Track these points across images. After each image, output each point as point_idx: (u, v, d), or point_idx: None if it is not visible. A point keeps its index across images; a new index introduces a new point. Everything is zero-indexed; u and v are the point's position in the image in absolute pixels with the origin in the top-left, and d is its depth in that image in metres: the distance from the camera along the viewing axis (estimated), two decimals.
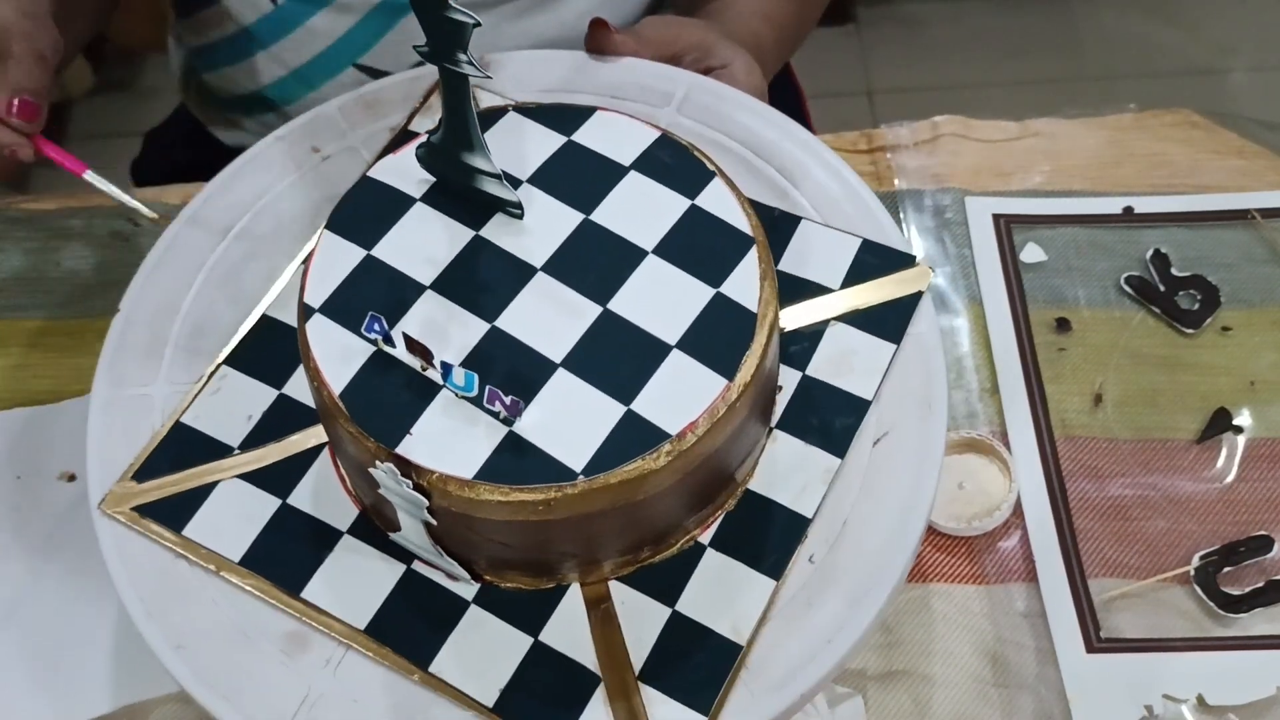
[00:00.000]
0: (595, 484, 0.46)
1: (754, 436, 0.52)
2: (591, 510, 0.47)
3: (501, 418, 0.47)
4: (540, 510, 0.46)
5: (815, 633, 0.49)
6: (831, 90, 1.74)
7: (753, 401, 0.49)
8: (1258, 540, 0.63)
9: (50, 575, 0.63)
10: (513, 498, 0.46)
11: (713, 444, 0.48)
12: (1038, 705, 0.59)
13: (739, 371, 0.48)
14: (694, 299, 0.50)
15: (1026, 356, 0.69)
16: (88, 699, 0.59)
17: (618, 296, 0.50)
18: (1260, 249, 0.73)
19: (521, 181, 0.54)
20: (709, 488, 0.50)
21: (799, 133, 0.62)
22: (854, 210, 0.60)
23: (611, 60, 0.65)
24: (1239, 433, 0.67)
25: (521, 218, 0.53)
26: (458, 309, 0.50)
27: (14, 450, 0.67)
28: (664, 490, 0.47)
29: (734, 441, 0.49)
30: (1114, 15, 1.93)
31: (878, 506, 0.52)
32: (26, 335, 0.72)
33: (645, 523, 0.49)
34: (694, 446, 0.47)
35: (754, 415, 0.50)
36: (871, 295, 0.56)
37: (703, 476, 0.49)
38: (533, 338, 0.49)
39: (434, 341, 0.48)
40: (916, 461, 0.53)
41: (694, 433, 0.47)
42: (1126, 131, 0.79)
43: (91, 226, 0.76)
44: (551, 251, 0.52)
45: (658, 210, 0.53)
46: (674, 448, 0.46)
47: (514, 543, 0.48)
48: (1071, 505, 0.64)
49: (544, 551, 0.49)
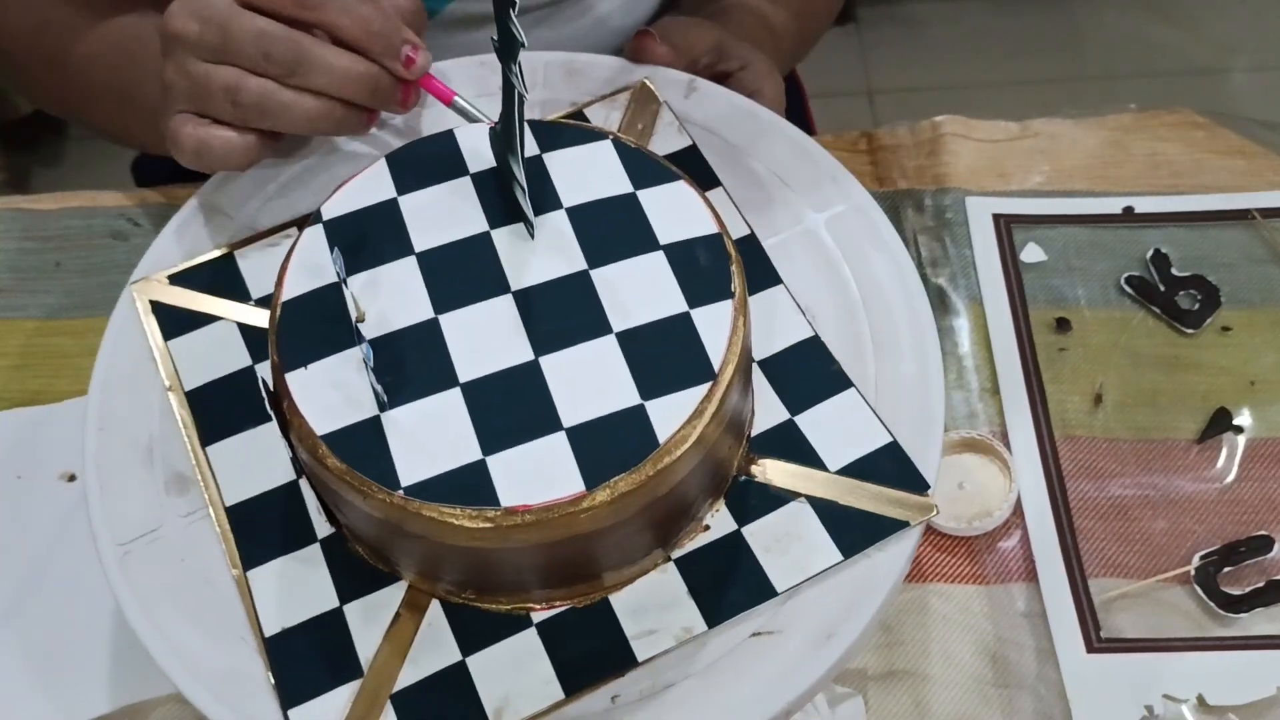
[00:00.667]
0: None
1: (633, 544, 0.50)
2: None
3: (378, 400, 0.48)
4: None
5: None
6: (832, 90, 1.74)
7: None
8: (1258, 540, 0.63)
9: (50, 575, 0.63)
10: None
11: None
12: (1038, 705, 0.59)
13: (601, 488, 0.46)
14: (614, 398, 0.48)
15: (1026, 356, 0.69)
16: (87, 699, 0.59)
17: (553, 356, 0.49)
18: (1261, 249, 0.73)
19: (561, 207, 0.53)
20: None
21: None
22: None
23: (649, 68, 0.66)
24: (1239, 433, 0.67)
25: (533, 237, 0.53)
26: (419, 286, 0.51)
27: (14, 450, 0.67)
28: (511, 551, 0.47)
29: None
30: (1114, 15, 1.94)
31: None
32: (26, 335, 0.72)
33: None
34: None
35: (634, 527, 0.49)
36: (859, 498, 0.52)
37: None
38: (456, 349, 0.49)
39: (382, 301, 0.50)
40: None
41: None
42: (1127, 131, 0.79)
43: (91, 227, 0.76)
44: (532, 283, 0.51)
45: (654, 299, 0.50)
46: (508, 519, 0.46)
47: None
48: (1072, 505, 0.64)
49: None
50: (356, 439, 0.48)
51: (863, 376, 0.55)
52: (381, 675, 0.49)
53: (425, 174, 0.55)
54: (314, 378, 0.49)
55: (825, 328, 0.56)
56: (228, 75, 0.55)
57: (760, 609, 0.50)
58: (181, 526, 0.53)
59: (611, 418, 0.47)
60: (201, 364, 0.56)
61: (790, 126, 0.63)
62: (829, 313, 0.57)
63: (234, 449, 0.54)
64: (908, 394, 0.54)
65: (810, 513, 0.51)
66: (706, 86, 0.64)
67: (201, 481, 0.54)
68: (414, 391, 0.48)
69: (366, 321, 0.50)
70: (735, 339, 0.49)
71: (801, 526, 0.51)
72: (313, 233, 0.53)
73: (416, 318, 0.50)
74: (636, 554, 0.50)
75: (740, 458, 0.53)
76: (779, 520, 0.51)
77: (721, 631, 0.49)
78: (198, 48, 0.55)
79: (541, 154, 0.55)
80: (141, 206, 0.77)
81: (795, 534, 0.51)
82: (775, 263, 0.58)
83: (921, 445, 0.53)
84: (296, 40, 0.54)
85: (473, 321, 0.50)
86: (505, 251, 0.52)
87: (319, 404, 0.48)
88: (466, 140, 0.56)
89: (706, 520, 0.52)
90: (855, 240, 0.59)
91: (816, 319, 0.56)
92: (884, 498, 0.51)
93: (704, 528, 0.51)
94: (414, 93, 0.58)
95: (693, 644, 0.49)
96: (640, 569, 0.51)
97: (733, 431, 0.51)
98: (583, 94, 0.65)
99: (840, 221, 0.59)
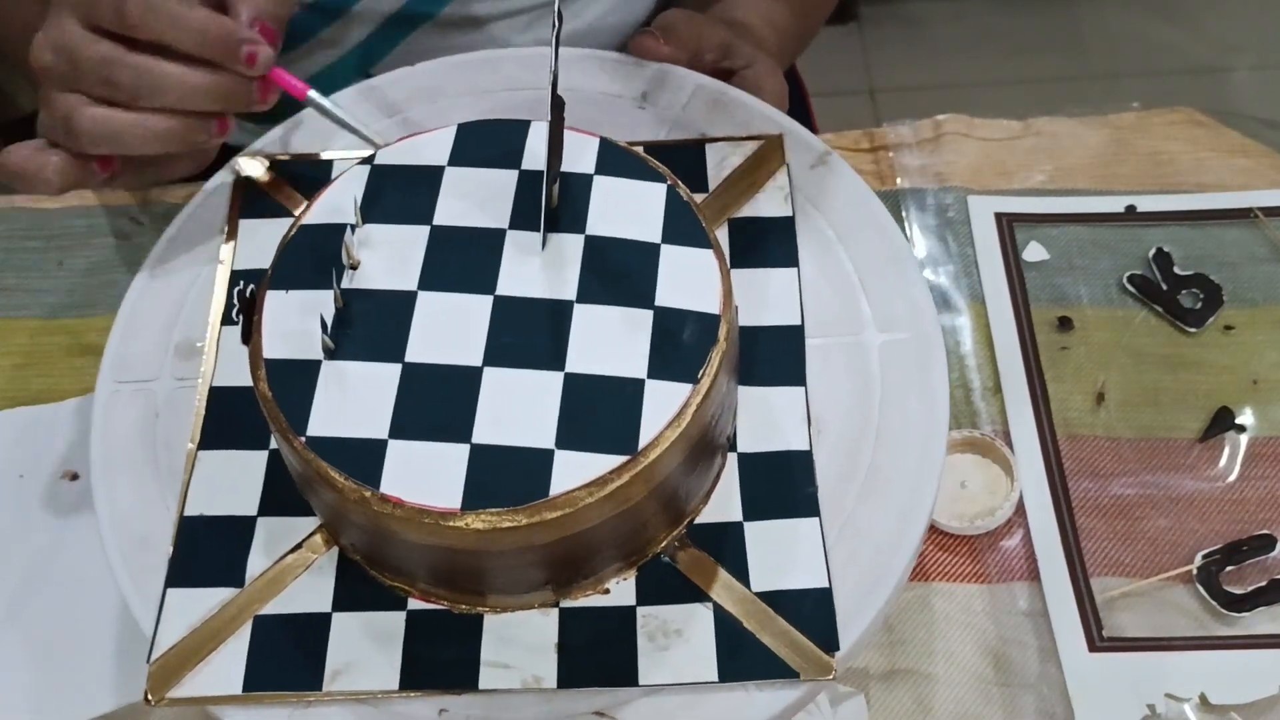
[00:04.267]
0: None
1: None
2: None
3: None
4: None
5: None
6: (834, 89, 1.74)
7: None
8: (1260, 539, 0.63)
9: (53, 574, 0.63)
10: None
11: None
12: (1040, 704, 0.59)
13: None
14: (530, 434, 0.47)
15: (1029, 355, 0.69)
16: (90, 697, 0.59)
17: (497, 371, 0.49)
18: (1263, 248, 0.73)
19: (583, 233, 0.52)
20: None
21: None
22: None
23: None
24: (1241, 431, 0.67)
25: (543, 249, 0.52)
26: (419, 256, 0.51)
27: (16, 449, 0.67)
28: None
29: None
30: (1117, 14, 1.93)
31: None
32: (29, 334, 0.72)
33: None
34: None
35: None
36: (764, 628, 0.49)
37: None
38: (417, 328, 0.49)
39: (379, 257, 0.51)
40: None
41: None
42: (1129, 130, 0.79)
43: (93, 226, 0.76)
44: (517, 294, 0.50)
45: (618, 355, 0.49)
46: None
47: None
48: (1074, 504, 0.64)
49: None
50: (292, 375, 0.49)
51: (838, 509, 0.52)
52: (257, 594, 0.51)
53: (483, 154, 0.55)
54: (289, 303, 0.50)
55: (826, 444, 0.53)
56: (67, 103, 0.55)
57: (614, 691, 0.49)
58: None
59: (519, 451, 0.47)
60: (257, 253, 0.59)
61: (898, 234, 0.59)
62: (838, 431, 0.54)
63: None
64: (881, 537, 0.52)
65: (709, 621, 0.50)
66: (837, 163, 0.61)
67: (205, 351, 0.56)
68: (361, 352, 0.49)
69: (356, 271, 0.51)
70: (678, 423, 0.47)
71: (694, 630, 0.49)
72: (359, 171, 0.54)
73: (400, 285, 0.51)
74: (522, 586, 0.50)
75: (671, 538, 0.51)
76: (676, 614, 0.50)
77: (567, 696, 0.49)
78: (54, 78, 0.55)
79: (594, 175, 0.54)
80: (144, 205, 0.77)
81: (685, 635, 0.49)
82: (811, 363, 0.55)
83: (867, 591, 0.50)
84: (137, 63, 0.54)
85: (446, 309, 0.50)
86: (510, 254, 0.52)
87: (279, 328, 0.50)
88: (537, 135, 0.55)
89: (609, 584, 0.51)
90: (902, 373, 0.55)
91: (822, 434, 0.54)
92: (788, 639, 0.49)
93: (604, 590, 0.51)
94: (270, 88, 0.57)
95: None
96: (524, 602, 0.50)
97: (661, 510, 0.49)
98: (717, 128, 0.63)
99: (896, 349, 0.56)
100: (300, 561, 0.52)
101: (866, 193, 0.60)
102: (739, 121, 0.63)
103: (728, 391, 0.51)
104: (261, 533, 0.52)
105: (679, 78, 0.65)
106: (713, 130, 0.63)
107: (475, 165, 0.54)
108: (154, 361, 0.58)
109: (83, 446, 0.56)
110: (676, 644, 0.49)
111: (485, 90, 0.65)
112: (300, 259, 0.51)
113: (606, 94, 0.65)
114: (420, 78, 0.66)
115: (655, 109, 0.64)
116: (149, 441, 0.56)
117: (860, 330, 0.57)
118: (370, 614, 0.50)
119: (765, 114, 0.63)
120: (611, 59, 0.66)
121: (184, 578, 0.51)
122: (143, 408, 0.56)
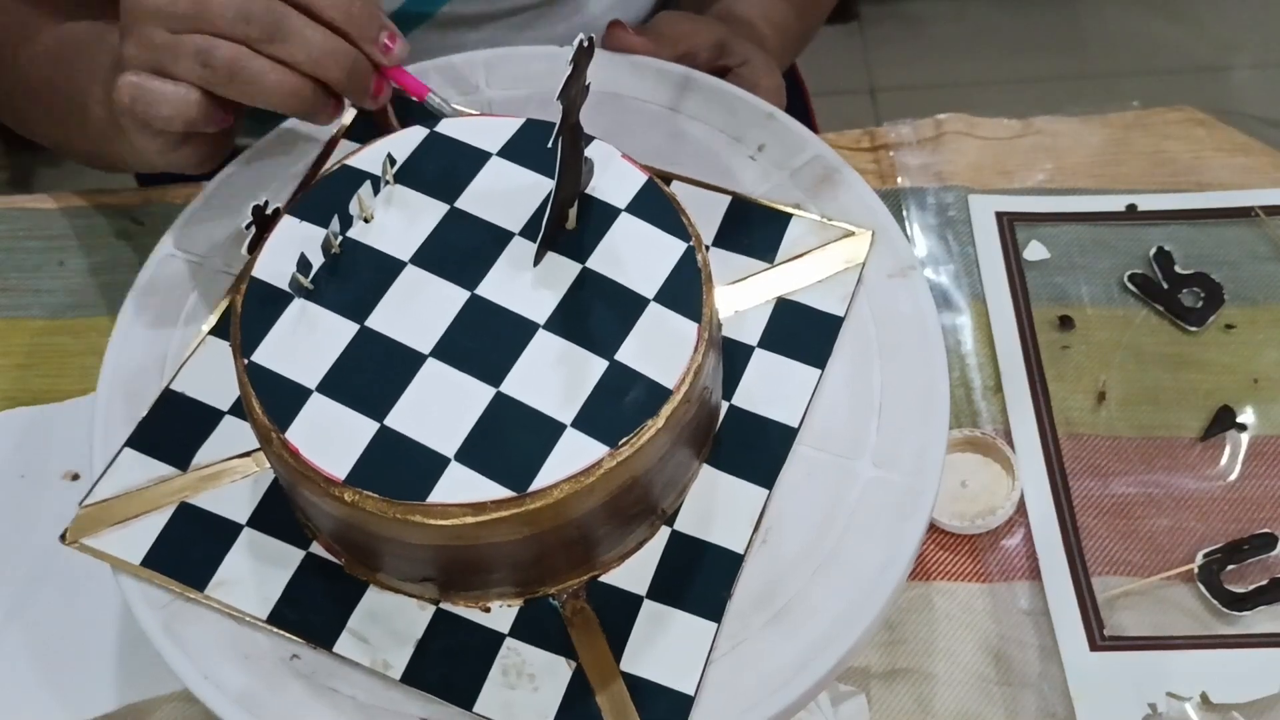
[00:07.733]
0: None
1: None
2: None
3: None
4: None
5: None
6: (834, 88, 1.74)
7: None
8: (1261, 538, 0.63)
9: (54, 574, 0.63)
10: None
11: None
12: (1041, 703, 0.59)
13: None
14: (434, 438, 0.47)
15: (1030, 354, 0.69)
16: (91, 697, 0.59)
17: (435, 366, 0.48)
18: (1264, 246, 0.73)
19: (582, 263, 0.51)
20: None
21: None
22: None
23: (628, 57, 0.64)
24: (1242, 430, 0.67)
25: (535, 265, 0.51)
26: (425, 231, 0.52)
27: (17, 449, 0.67)
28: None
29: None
30: (1117, 12, 1.93)
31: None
32: (30, 334, 0.72)
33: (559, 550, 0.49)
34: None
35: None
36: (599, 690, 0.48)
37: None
38: (390, 298, 0.50)
39: (390, 220, 0.52)
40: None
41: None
42: (1129, 129, 0.79)
43: (94, 226, 0.76)
44: (490, 298, 0.50)
45: (555, 393, 0.48)
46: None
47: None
48: (1075, 503, 0.64)
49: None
50: (264, 300, 0.50)
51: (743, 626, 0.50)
52: (192, 483, 0.53)
53: (534, 154, 0.54)
54: (296, 232, 0.51)
55: (766, 552, 0.51)
56: (199, 39, 0.53)
57: (446, 706, 0.49)
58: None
59: (418, 448, 0.47)
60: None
61: (943, 373, 0.55)
62: (785, 546, 0.51)
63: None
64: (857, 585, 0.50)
65: (565, 680, 0.49)
66: (917, 280, 0.58)
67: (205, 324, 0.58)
68: (329, 301, 0.50)
69: (369, 224, 0.52)
70: (582, 479, 0.46)
71: (546, 683, 0.49)
72: (416, 132, 0.55)
73: (395, 251, 0.51)
74: (408, 575, 0.50)
75: (569, 585, 0.50)
76: (538, 660, 0.49)
77: (403, 691, 0.49)
78: (167, 18, 0.53)
79: (623, 210, 0.52)
80: (145, 205, 0.77)
81: (536, 684, 0.49)
82: (790, 470, 0.53)
83: (819, 650, 0.49)
84: (278, 8, 0.53)
85: (424, 288, 0.50)
86: (505, 258, 0.51)
87: (278, 253, 0.51)
88: (594, 152, 0.53)
89: (492, 604, 0.50)
90: (874, 517, 0.52)
91: (766, 543, 0.51)
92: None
93: (484, 607, 0.50)
94: (386, 86, 0.57)
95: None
96: (408, 589, 0.51)
97: (563, 550, 0.49)
98: (818, 202, 0.60)
99: (881, 489, 0.53)
100: (241, 468, 0.53)
101: (931, 318, 0.57)
102: (842, 204, 0.60)
103: (673, 466, 0.50)
104: (224, 428, 0.54)
105: (800, 140, 0.62)
106: (812, 204, 0.60)
107: (520, 163, 0.54)
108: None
109: (83, 446, 0.56)
110: (523, 689, 0.48)
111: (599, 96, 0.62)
112: (328, 196, 0.52)
113: (726, 134, 0.63)
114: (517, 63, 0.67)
115: (766, 163, 0.62)
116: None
117: (856, 457, 0.53)
118: (276, 542, 0.52)
119: (869, 204, 0.60)
120: (737, 100, 0.64)
121: (142, 443, 0.54)
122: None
